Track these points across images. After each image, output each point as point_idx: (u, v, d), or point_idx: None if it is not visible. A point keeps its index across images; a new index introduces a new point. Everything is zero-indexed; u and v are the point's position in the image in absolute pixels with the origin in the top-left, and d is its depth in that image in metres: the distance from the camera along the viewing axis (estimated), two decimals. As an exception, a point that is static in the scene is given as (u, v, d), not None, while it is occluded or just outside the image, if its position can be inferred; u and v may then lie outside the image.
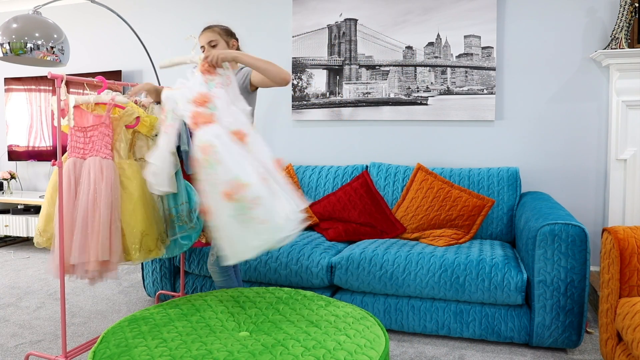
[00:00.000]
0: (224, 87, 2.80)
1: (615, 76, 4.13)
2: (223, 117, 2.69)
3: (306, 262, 3.58)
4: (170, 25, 5.66)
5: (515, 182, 4.13)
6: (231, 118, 2.69)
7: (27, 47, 3.80)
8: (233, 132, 2.63)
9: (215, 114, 2.69)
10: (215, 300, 2.61)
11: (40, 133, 6.20)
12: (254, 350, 2.01)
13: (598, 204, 4.36)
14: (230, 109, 2.73)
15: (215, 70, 2.79)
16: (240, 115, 2.73)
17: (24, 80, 6.24)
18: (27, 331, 3.54)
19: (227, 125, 2.66)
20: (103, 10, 5.74)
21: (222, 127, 2.63)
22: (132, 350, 2.04)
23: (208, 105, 2.70)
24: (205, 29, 3.25)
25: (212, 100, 2.72)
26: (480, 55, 4.53)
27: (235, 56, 2.82)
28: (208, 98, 2.71)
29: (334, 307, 2.51)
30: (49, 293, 4.33)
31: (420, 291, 3.36)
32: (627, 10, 3.96)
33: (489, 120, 4.56)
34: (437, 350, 3.25)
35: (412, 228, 4.04)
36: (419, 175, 4.20)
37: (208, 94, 2.73)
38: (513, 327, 3.24)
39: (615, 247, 2.57)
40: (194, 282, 3.90)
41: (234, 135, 2.63)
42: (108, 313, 3.89)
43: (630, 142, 4.13)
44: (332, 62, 4.98)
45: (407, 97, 4.76)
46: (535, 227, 3.17)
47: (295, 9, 5.07)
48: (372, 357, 1.98)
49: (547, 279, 3.09)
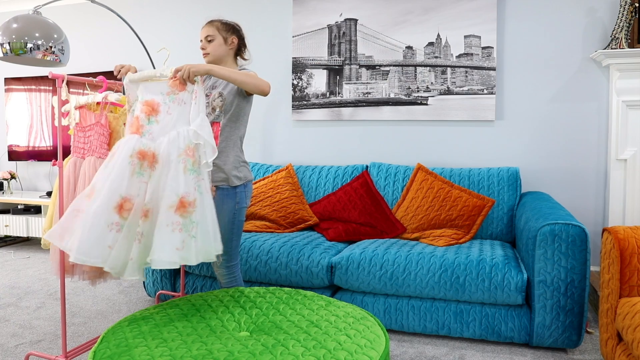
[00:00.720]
0: (182, 104, 2.66)
1: (615, 76, 4.13)
2: (157, 136, 2.62)
3: (306, 262, 3.58)
4: (170, 25, 5.66)
5: (515, 182, 4.13)
6: (165, 139, 2.58)
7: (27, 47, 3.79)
8: (141, 152, 2.53)
9: (149, 128, 2.63)
10: (215, 300, 2.60)
11: (41, 133, 6.20)
12: (255, 351, 2.00)
13: (598, 204, 4.36)
14: (176, 129, 2.60)
15: (186, 86, 2.66)
16: (179, 140, 2.55)
17: (24, 80, 6.24)
18: (27, 331, 3.53)
19: (150, 144, 2.58)
20: (103, 10, 5.75)
21: (142, 142, 2.56)
22: (132, 350, 2.03)
23: (150, 116, 2.63)
24: (206, 22, 3.16)
25: (158, 114, 2.64)
26: (480, 55, 4.53)
27: (209, 69, 2.69)
28: (156, 110, 2.64)
29: (334, 307, 2.50)
30: (49, 293, 4.33)
31: (420, 291, 3.36)
32: (627, 10, 3.96)
33: (489, 120, 4.56)
34: (437, 350, 3.25)
35: (412, 228, 4.04)
36: (419, 175, 4.20)
37: (159, 105, 2.65)
38: (513, 327, 3.23)
39: (616, 247, 2.57)
40: (194, 282, 3.90)
41: (140, 155, 2.52)
42: (108, 313, 3.88)
43: (630, 142, 4.13)
44: (332, 62, 4.97)
45: (407, 97, 4.76)
46: (536, 227, 3.17)
47: (295, 9, 5.07)
48: (372, 357, 1.97)
49: (547, 279, 3.09)
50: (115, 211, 2.43)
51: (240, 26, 3.26)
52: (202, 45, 3.12)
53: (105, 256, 2.43)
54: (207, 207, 2.56)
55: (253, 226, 4.24)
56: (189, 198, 2.46)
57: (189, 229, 2.45)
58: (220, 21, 3.15)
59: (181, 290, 3.82)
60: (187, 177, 2.49)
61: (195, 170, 2.53)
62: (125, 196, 2.46)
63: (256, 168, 4.81)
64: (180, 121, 2.63)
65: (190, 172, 2.51)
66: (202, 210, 2.52)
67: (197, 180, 2.53)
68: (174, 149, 2.52)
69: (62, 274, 2.85)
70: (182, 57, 5.55)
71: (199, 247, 2.49)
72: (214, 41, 3.11)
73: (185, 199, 2.45)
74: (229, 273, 3.11)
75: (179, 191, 2.46)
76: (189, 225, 2.45)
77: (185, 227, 2.44)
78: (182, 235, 2.43)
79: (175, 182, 2.47)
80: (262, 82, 2.86)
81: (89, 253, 2.39)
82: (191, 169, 2.51)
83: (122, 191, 2.45)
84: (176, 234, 2.42)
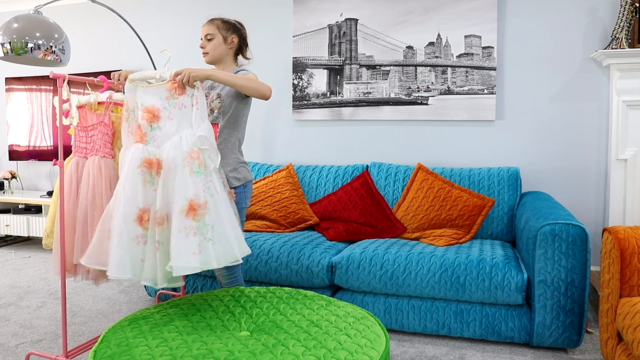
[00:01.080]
0: (183, 108, 2.64)
1: (616, 76, 4.13)
2: (161, 142, 2.62)
3: (307, 262, 3.58)
4: (170, 24, 5.66)
5: (515, 182, 4.13)
6: (169, 144, 2.58)
7: (28, 47, 3.79)
8: (147, 161, 2.55)
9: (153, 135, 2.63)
10: (216, 299, 2.60)
11: (41, 133, 6.20)
12: (255, 350, 1.99)
13: (598, 204, 4.36)
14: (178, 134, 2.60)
15: (185, 90, 2.64)
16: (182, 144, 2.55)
17: (24, 80, 6.24)
18: (28, 331, 3.53)
19: (155, 151, 2.58)
20: (104, 9, 5.75)
21: (147, 151, 2.57)
22: (132, 350, 2.03)
23: (152, 123, 2.63)
24: (207, 20, 3.13)
25: (160, 120, 2.64)
26: (480, 55, 4.53)
27: (209, 75, 2.66)
28: (157, 116, 2.63)
29: (335, 306, 2.50)
30: (50, 292, 4.33)
31: (420, 291, 3.36)
32: (627, 10, 3.96)
33: (489, 120, 4.56)
34: (438, 350, 3.25)
35: (412, 228, 4.04)
36: (420, 175, 4.19)
37: (160, 111, 2.65)
38: (513, 327, 3.24)
39: (616, 247, 2.57)
40: (195, 282, 3.90)
41: (147, 164, 2.54)
42: (109, 312, 3.89)
43: (630, 142, 4.13)
44: (333, 61, 4.97)
45: (408, 97, 4.75)
46: (536, 227, 3.17)
47: (295, 8, 5.07)
48: (372, 357, 1.97)
49: (547, 279, 3.09)
50: (136, 223, 2.47)
51: (243, 24, 3.23)
52: (202, 43, 3.10)
53: (138, 270, 2.48)
54: (222, 209, 2.54)
55: (253, 226, 4.24)
56: (199, 200, 2.45)
57: (203, 232, 2.43)
58: (221, 19, 3.13)
59: (181, 290, 3.82)
60: (194, 180, 2.48)
61: (202, 173, 2.52)
62: (142, 207, 2.50)
63: (257, 168, 4.81)
64: (182, 125, 2.62)
65: (197, 175, 2.49)
66: (216, 212, 2.50)
67: (206, 182, 2.52)
68: (179, 154, 2.52)
69: (62, 273, 2.85)
70: (183, 56, 5.56)
71: (219, 250, 2.47)
72: (213, 40, 3.08)
73: (194, 202, 2.44)
74: (229, 273, 3.08)
75: (188, 194, 2.45)
76: (202, 229, 2.44)
77: (200, 231, 2.43)
78: (197, 239, 2.41)
79: (183, 186, 2.46)
80: (263, 86, 2.83)
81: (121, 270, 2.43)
82: (197, 171, 2.50)
83: (139, 202, 2.49)
84: (191, 239, 2.40)
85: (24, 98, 6.25)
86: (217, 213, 2.50)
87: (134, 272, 2.46)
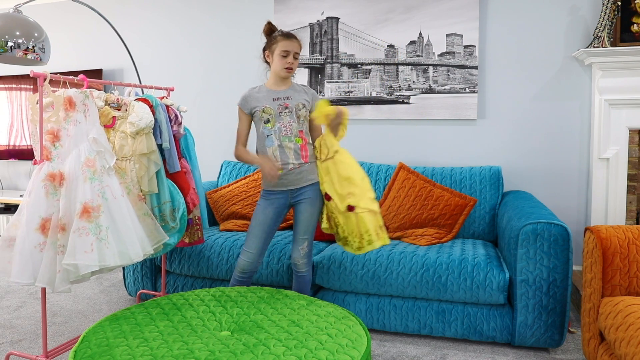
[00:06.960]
0: (78, 124, 2.86)
1: (598, 75, 4.13)
2: (64, 157, 2.83)
3: (287, 262, 3.55)
4: (151, 24, 5.61)
5: (497, 181, 4.12)
6: (70, 158, 2.80)
7: (8, 46, 3.75)
8: (51, 175, 2.73)
9: (57, 153, 2.83)
10: (196, 299, 2.61)
11: (21, 132, 6.13)
12: (236, 350, 2.00)
13: (580, 203, 4.36)
14: (77, 147, 2.82)
15: (75, 106, 2.87)
16: (80, 155, 2.80)
17: (4, 79, 6.16)
18: (8, 331, 3.50)
19: (58, 166, 2.79)
20: (84, 8, 5.68)
21: (50, 166, 2.76)
22: (113, 350, 2.03)
23: (55, 143, 2.83)
24: (294, 37, 3.14)
25: (60, 139, 2.84)
26: (462, 53, 4.52)
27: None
28: (57, 137, 2.84)
29: (316, 306, 2.50)
30: (30, 292, 4.27)
31: (402, 290, 3.34)
32: (609, 9, 3.97)
33: (471, 119, 4.56)
34: (419, 350, 3.24)
35: (394, 227, 4.02)
36: (401, 174, 4.18)
37: (59, 131, 2.85)
38: (495, 327, 3.22)
39: (598, 246, 2.57)
40: (175, 282, 3.86)
41: (50, 177, 2.73)
42: (89, 312, 3.84)
43: (612, 141, 4.14)
44: (314, 60, 4.95)
45: (389, 95, 4.74)
46: (518, 227, 3.16)
47: (276, 7, 5.04)
48: (353, 357, 1.96)
49: (529, 279, 3.08)
50: (38, 232, 2.68)
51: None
52: (291, 60, 3.11)
53: (35, 275, 2.68)
54: (117, 212, 2.81)
55: (234, 225, 4.20)
56: (93, 204, 2.70)
57: (97, 233, 2.67)
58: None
59: (162, 290, 3.80)
60: (90, 185, 2.73)
61: (97, 179, 2.77)
62: (45, 217, 2.70)
63: (237, 167, 4.76)
64: (80, 139, 2.84)
65: (92, 181, 2.75)
66: (110, 215, 2.77)
67: (101, 187, 2.78)
68: (77, 165, 2.77)
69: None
70: (162, 55, 5.51)
71: (114, 250, 2.73)
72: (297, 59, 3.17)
73: (88, 205, 2.68)
74: (308, 261, 3.21)
75: (83, 199, 2.70)
76: (95, 229, 2.68)
77: (93, 231, 2.66)
78: (89, 239, 2.64)
79: (80, 192, 2.71)
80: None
81: (22, 276, 2.66)
82: (92, 178, 2.75)
83: (42, 212, 2.70)
84: (84, 238, 2.64)
85: (4, 97, 6.17)
86: (112, 216, 2.77)
87: (35, 277, 2.67)
